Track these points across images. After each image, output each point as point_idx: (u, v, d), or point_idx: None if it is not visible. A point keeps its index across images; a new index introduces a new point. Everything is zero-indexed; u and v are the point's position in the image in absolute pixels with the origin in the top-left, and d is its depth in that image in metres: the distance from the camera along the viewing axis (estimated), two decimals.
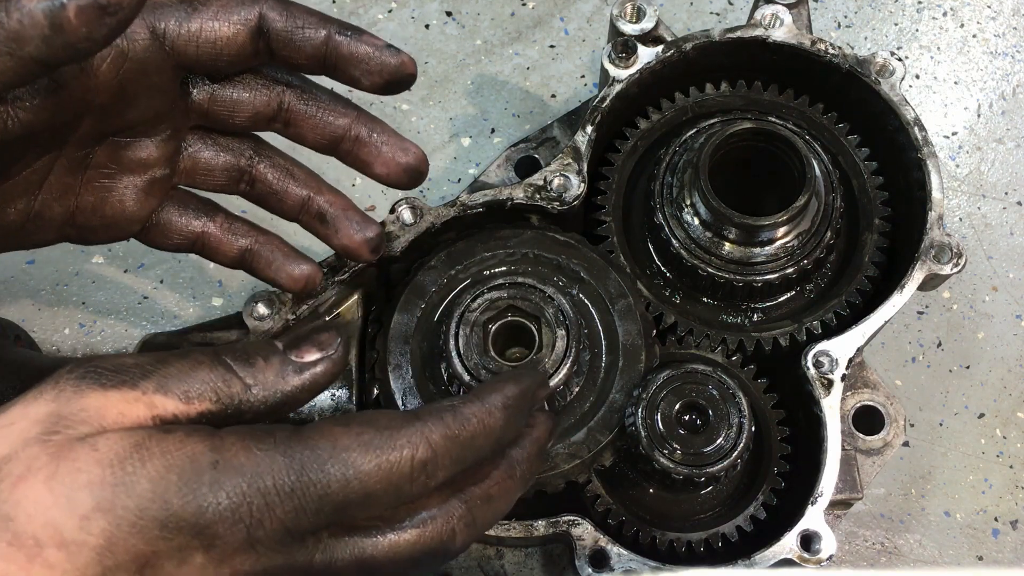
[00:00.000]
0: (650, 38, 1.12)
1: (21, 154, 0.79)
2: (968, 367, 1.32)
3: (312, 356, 0.73)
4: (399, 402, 0.97)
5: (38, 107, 0.76)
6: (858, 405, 1.10)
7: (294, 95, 0.90)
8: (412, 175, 0.92)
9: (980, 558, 1.24)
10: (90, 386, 0.66)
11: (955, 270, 1.02)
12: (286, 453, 0.66)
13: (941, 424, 1.29)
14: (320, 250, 1.34)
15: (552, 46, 1.46)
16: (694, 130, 1.09)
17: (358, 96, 1.42)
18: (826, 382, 1.00)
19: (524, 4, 1.49)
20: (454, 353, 0.94)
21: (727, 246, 1.02)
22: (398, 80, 0.88)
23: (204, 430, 0.67)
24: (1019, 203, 1.39)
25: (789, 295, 1.08)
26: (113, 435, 0.64)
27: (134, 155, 0.88)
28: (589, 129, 1.08)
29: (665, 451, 0.96)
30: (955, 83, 1.45)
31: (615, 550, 0.96)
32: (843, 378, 1.00)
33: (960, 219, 1.38)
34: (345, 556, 0.69)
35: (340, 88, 0.91)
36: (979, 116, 1.43)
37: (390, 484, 0.68)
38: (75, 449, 0.63)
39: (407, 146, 0.92)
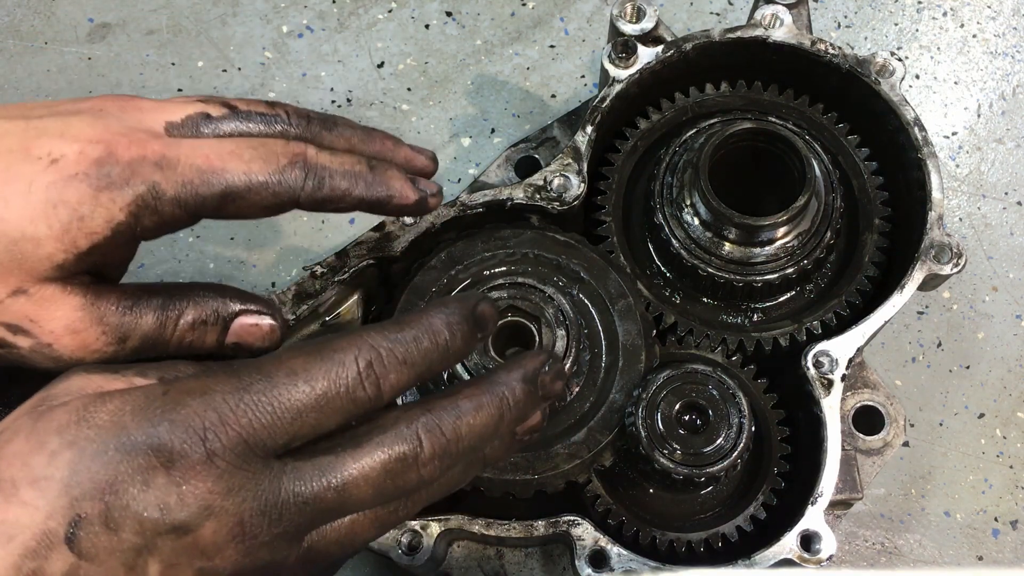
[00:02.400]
0: (650, 38, 1.12)
1: None
2: (968, 367, 1.32)
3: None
4: (398, 399, 0.97)
5: None
6: (858, 405, 1.10)
7: None
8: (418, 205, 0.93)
9: (980, 558, 1.24)
10: (76, 372, 0.73)
11: (955, 270, 1.02)
12: (233, 375, 0.69)
13: (941, 424, 1.29)
14: (319, 250, 1.34)
15: (552, 46, 1.46)
16: (694, 130, 1.09)
17: (358, 96, 1.42)
18: (826, 382, 1.00)
19: (524, 4, 1.49)
20: None
21: (727, 246, 1.02)
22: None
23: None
24: (1019, 203, 1.39)
25: (789, 295, 1.08)
26: (84, 395, 0.70)
27: None
28: (589, 129, 1.08)
29: (665, 451, 0.96)
30: (955, 83, 1.45)
31: (615, 550, 0.96)
32: (843, 378, 1.00)
33: (960, 219, 1.38)
34: (315, 477, 0.69)
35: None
36: (979, 116, 1.43)
37: (341, 388, 0.70)
38: (53, 411, 0.69)
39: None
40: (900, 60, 1.08)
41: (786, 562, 0.94)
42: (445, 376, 0.97)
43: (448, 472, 0.75)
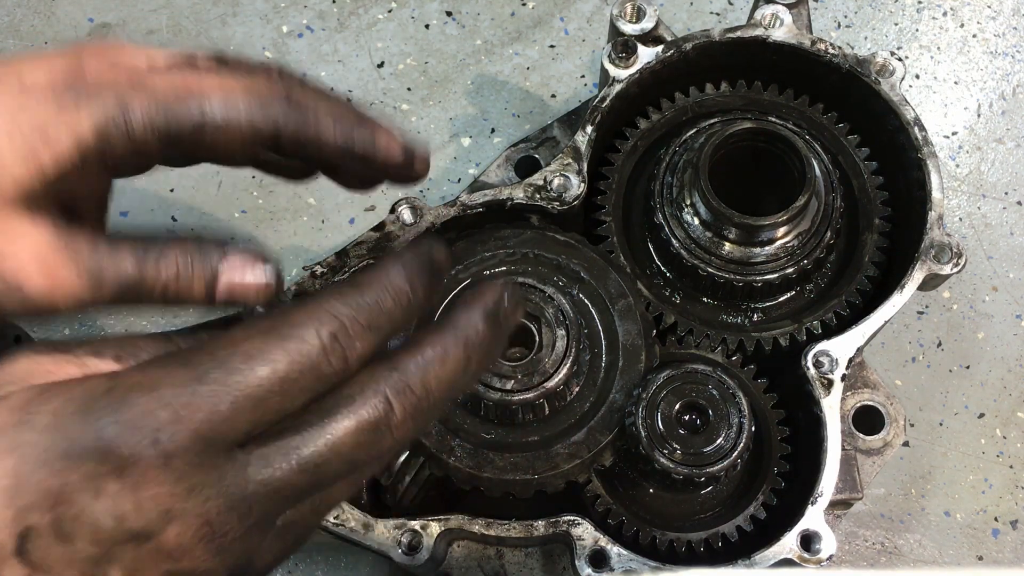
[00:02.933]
0: (650, 38, 1.12)
1: None
2: (968, 367, 1.32)
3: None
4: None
5: None
6: (858, 405, 1.10)
7: None
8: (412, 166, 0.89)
9: (980, 558, 1.24)
10: (24, 354, 0.66)
11: (955, 270, 1.02)
12: (183, 364, 0.63)
13: (941, 424, 1.29)
14: (319, 250, 1.34)
15: (552, 46, 1.46)
16: (694, 130, 1.09)
17: (358, 96, 1.42)
18: (826, 382, 1.00)
19: (524, 4, 1.49)
20: None
21: (727, 246, 1.02)
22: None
23: (108, 372, 0.65)
24: (1019, 203, 1.39)
25: (789, 295, 1.08)
26: (28, 388, 0.63)
27: None
28: (589, 129, 1.08)
29: (665, 451, 0.96)
30: (955, 83, 1.45)
31: (615, 550, 0.96)
32: (843, 378, 1.00)
33: (960, 219, 1.38)
34: (282, 461, 0.64)
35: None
36: (979, 116, 1.43)
37: (304, 366, 0.64)
38: None
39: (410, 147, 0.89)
40: (900, 60, 1.08)
41: (786, 562, 0.94)
42: None
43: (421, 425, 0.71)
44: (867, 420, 1.10)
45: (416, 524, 0.97)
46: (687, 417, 0.99)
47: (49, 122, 0.71)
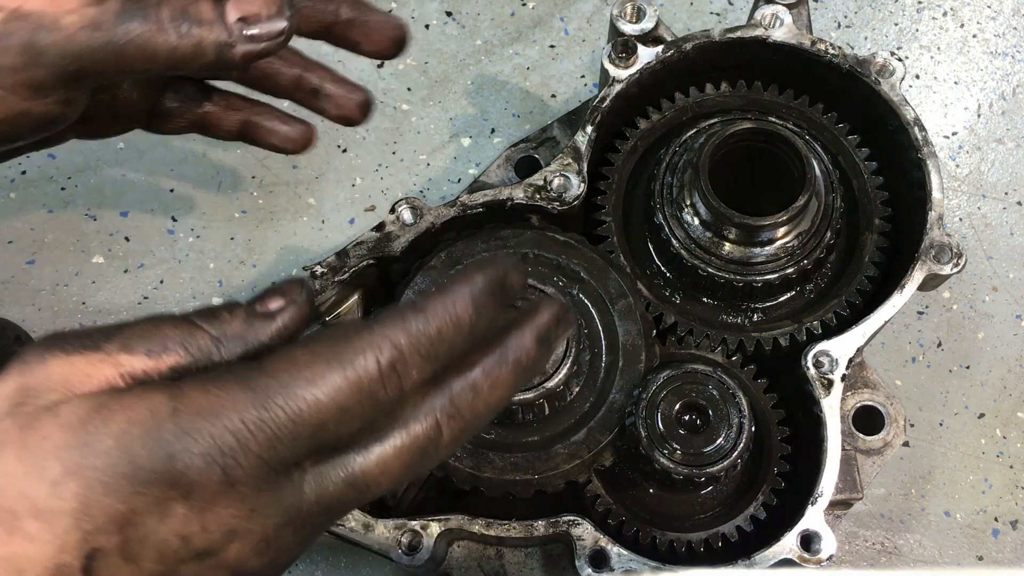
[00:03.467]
0: (650, 38, 1.12)
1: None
2: (968, 367, 1.31)
3: (276, 304, 0.72)
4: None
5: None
6: (858, 405, 1.10)
7: None
8: (400, 44, 0.97)
9: (980, 558, 1.24)
10: (53, 354, 0.66)
11: (955, 270, 1.02)
12: (247, 387, 0.64)
13: (941, 424, 1.29)
14: (319, 250, 1.34)
15: (552, 46, 1.46)
16: (694, 130, 1.09)
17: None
18: (826, 382, 1.00)
19: (524, 4, 1.49)
20: None
21: (727, 246, 1.02)
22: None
23: (163, 383, 0.65)
24: (1019, 203, 1.39)
25: (789, 295, 1.08)
26: (75, 400, 0.64)
27: None
28: (589, 129, 1.08)
29: (665, 451, 0.96)
30: (955, 83, 1.45)
31: (615, 550, 0.96)
32: (843, 378, 1.00)
33: (960, 219, 1.38)
34: (336, 480, 0.67)
35: None
36: (979, 116, 1.43)
37: (362, 394, 0.65)
38: (41, 418, 0.62)
39: (390, 20, 0.96)
40: (900, 60, 1.08)
41: (786, 562, 0.94)
42: None
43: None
44: (867, 420, 1.10)
45: (416, 524, 0.97)
46: (687, 417, 0.99)
47: None
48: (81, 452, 0.61)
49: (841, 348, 1.01)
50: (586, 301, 1.02)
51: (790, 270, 1.03)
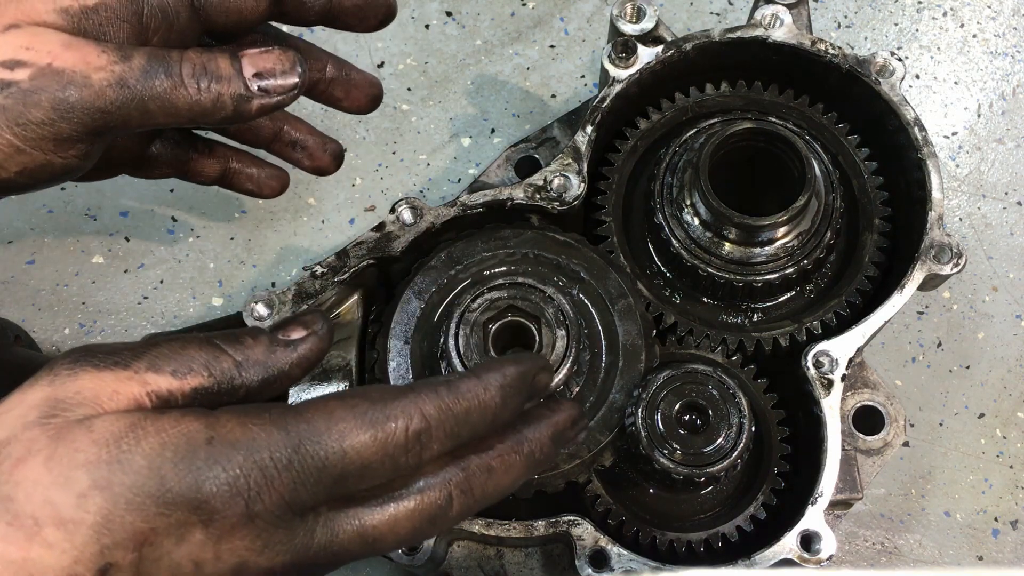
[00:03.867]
0: (650, 38, 1.12)
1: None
2: (968, 367, 1.32)
3: (298, 334, 0.76)
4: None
5: None
6: (858, 405, 1.10)
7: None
8: (376, 101, 1.04)
9: (980, 558, 1.24)
10: (84, 368, 0.68)
11: (955, 270, 1.02)
12: (282, 427, 0.67)
13: (941, 424, 1.29)
14: (319, 250, 1.34)
15: (552, 46, 1.46)
16: (694, 130, 1.09)
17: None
18: (826, 382, 1.00)
19: (524, 4, 1.49)
20: (454, 353, 0.94)
21: (727, 246, 1.02)
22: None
23: (199, 410, 0.68)
24: (1019, 203, 1.39)
25: (789, 295, 1.08)
26: (109, 416, 0.66)
27: None
28: (589, 129, 1.08)
29: (665, 451, 0.96)
30: (955, 83, 1.45)
31: (615, 550, 0.96)
32: (843, 378, 1.00)
33: (960, 219, 1.38)
34: (346, 529, 0.70)
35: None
36: (979, 116, 1.43)
37: (386, 455, 0.69)
38: (73, 431, 0.64)
39: (368, 78, 1.03)
40: (900, 60, 1.08)
41: (786, 562, 0.94)
42: (443, 367, 0.97)
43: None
44: (867, 420, 1.10)
45: None
46: (687, 417, 0.99)
47: None
48: (111, 468, 0.63)
49: (841, 348, 1.01)
50: (586, 301, 1.02)
51: (790, 270, 1.03)
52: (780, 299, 1.07)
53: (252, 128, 1.06)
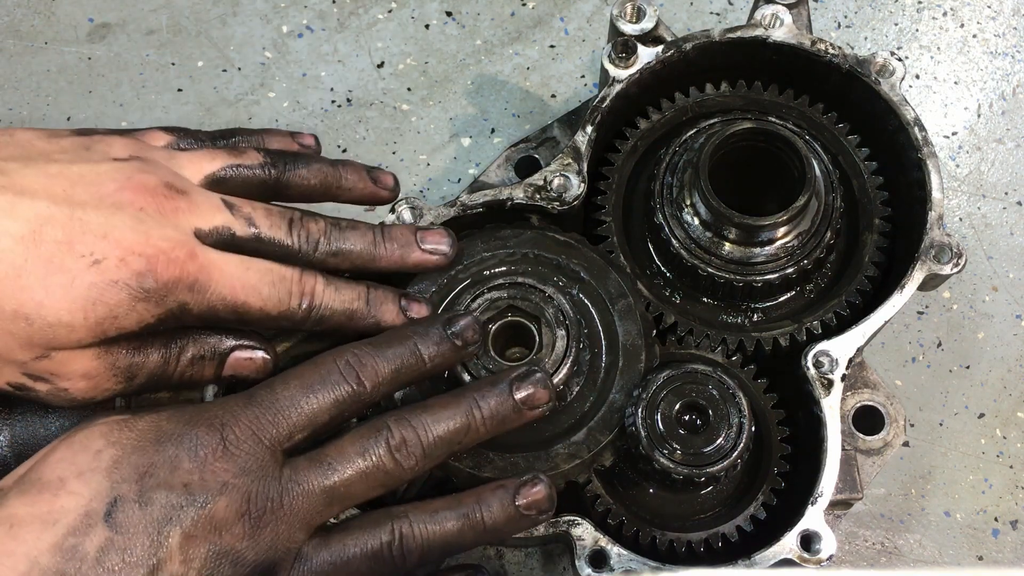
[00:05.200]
0: (650, 38, 1.12)
1: None
2: (968, 367, 1.31)
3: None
4: (398, 400, 0.97)
5: None
6: (858, 405, 1.10)
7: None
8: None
9: (980, 558, 1.24)
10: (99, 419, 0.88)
11: (955, 270, 1.02)
12: (242, 395, 0.87)
13: (941, 424, 1.29)
14: None
15: (552, 46, 1.46)
16: (694, 130, 1.09)
17: (358, 96, 1.42)
18: (826, 382, 1.00)
19: (524, 4, 1.49)
20: None
21: (727, 246, 1.02)
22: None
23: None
24: (1019, 203, 1.39)
25: (789, 295, 1.08)
26: (120, 417, 0.85)
27: None
28: (589, 129, 1.08)
29: (665, 451, 0.96)
30: (955, 83, 1.45)
31: (615, 550, 0.96)
32: (843, 378, 1.00)
33: (960, 219, 1.38)
34: (311, 478, 0.84)
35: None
36: (979, 116, 1.44)
37: (325, 382, 0.87)
38: (92, 426, 0.83)
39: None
40: (900, 60, 1.08)
41: (786, 562, 0.94)
42: (446, 375, 0.97)
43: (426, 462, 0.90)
44: (867, 420, 1.10)
45: None
46: (687, 417, 0.99)
47: (120, 307, 0.83)
48: (120, 430, 0.82)
49: (841, 348, 1.01)
50: (586, 301, 1.02)
51: (790, 270, 1.03)
52: (780, 299, 1.07)
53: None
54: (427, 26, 1.47)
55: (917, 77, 1.45)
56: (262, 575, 0.82)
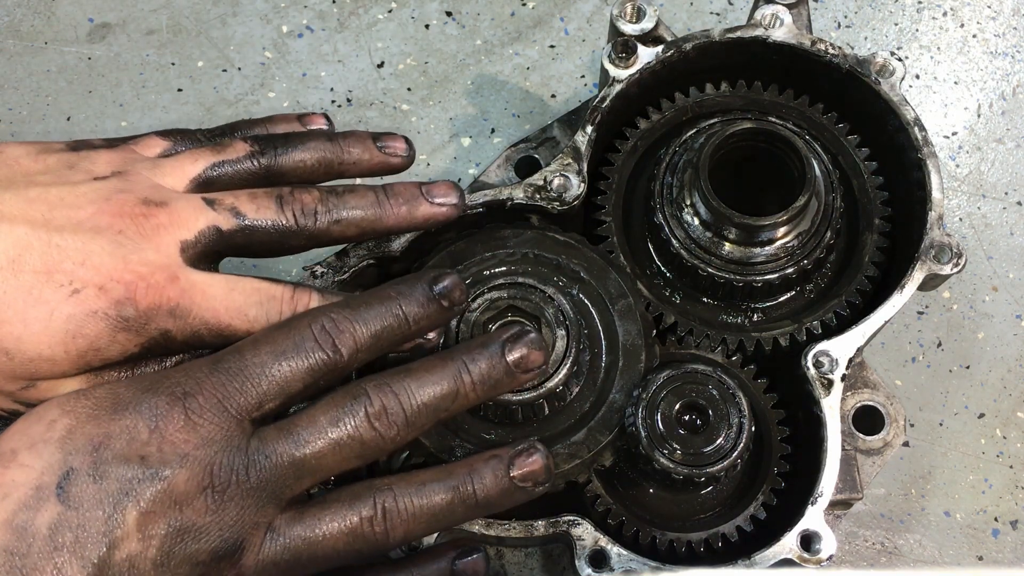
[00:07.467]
0: (650, 38, 1.12)
1: None
2: (968, 367, 1.32)
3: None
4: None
5: None
6: (858, 405, 1.10)
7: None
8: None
9: (980, 558, 1.24)
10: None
11: (955, 270, 1.02)
12: (208, 359, 0.80)
13: (941, 424, 1.29)
14: (319, 251, 1.34)
15: (552, 46, 1.46)
16: (694, 130, 1.09)
17: (358, 96, 1.42)
18: (826, 382, 1.00)
19: (524, 4, 1.49)
20: None
21: (727, 246, 1.02)
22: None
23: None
24: (1019, 203, 1.39)
25: (789, 295, 1.08)
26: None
27: None
28: (589, 129, 1.08)
29: (665, 451, 0.96)
30: (955, 83, 1.45)
31: (615, 550, 0.96)
32: (843, 378, 1.00)
33: (960, 219, 1.38)
34: (279, 449, 0.78)
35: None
36: (979, 116, 1.44)
37: (298, 347, 0.80)
38: (51, 400, 0.79)
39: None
40: (900, 60, 1.08)
41: (786, 562, 0.94)
42: None
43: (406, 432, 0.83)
44: (867, 420, 1.10)
45: None
46: (687, 417, 0.99)
47: (101, 338, 0.81)
48: (76, 399, 0.77)
49: (841, 348, 1.01)
50: (586, 301, 1.02)
51: (790, 270, 1.03)
52: (780, 299, 1.07)
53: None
54: (427, 26, 1.47)
55: (917, 77, 1.45)
56: (229, 551, 0.76)
